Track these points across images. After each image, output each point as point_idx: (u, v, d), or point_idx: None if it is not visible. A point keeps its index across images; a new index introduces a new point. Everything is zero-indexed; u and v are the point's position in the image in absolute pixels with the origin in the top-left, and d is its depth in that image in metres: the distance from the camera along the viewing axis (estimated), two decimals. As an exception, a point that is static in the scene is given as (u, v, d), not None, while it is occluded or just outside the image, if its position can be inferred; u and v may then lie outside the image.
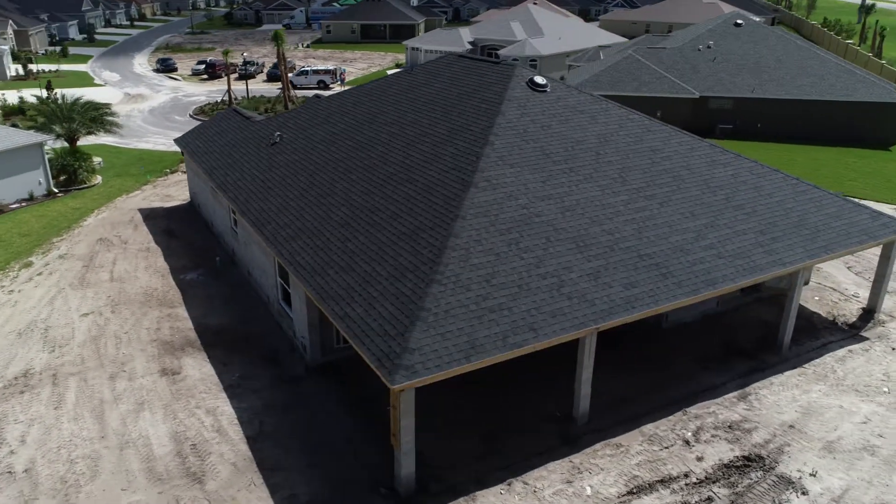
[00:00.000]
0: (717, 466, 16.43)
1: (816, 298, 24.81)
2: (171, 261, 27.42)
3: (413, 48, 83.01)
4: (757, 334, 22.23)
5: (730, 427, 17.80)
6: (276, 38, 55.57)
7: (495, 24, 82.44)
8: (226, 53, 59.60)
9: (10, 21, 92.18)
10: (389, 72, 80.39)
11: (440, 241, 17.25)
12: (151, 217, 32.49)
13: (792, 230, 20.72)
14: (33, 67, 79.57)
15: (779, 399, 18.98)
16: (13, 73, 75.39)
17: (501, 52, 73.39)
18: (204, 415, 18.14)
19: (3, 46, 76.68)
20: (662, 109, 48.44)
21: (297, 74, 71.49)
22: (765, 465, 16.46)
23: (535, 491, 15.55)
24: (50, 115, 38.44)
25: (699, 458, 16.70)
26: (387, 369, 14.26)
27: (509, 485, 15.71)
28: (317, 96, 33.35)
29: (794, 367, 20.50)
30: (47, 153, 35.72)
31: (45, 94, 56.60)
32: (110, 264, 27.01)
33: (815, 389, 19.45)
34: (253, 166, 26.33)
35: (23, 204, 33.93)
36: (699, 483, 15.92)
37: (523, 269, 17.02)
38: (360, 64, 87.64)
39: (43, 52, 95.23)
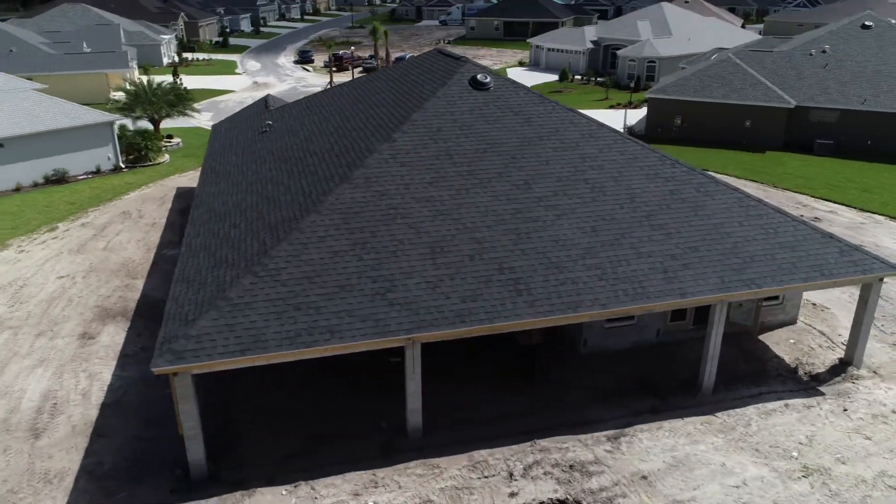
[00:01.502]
0: (524, 506, 14.93)
1: (792, 342, 21.46)
2: (166, 236, 29.51)
3: (537, 46, 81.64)
4: (688, 373, 19.68)
5: (571, 467, 16.03)
6: (374, 32, 57.26)
7: (622, 22, 78.87)
8: (329, 47, 62.47)
9: (182, 14, 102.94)
10: (508, 70, 79.80)
11: (285, 234, 17.16)
12: (182, 196, 35.06)
13: (716, 258, 18.11)
14: (188, 56, 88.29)
15: (654, 445, 16.76)
16: (169, 61, 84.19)
17: (620, 52, 70.13)
18: (84, 378, 19.48)
19: (163, 36, 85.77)
20: (752, 119, 43.95)
21: (411, 69, 73.10)
22: (577, 515, 14.70)
23: (315, 498, 15.06)
24: (132, 99, 42.63)
25: (512, 495, 15.23)
26: (158, 352, 14.53)
27: (296, 486, 15.35)
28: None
29: (703, 414, 17.95)
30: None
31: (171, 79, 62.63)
32: (113, 235, 29.61)
33: (706, 441, 16.94)
34: (233, 152, 27.58)
35: (89, 176, 38.04)
36: (493, 521, 14.58)
37: (356, 270, 16.46)
38: (486, 61, 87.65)
39: (208, 41, 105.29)
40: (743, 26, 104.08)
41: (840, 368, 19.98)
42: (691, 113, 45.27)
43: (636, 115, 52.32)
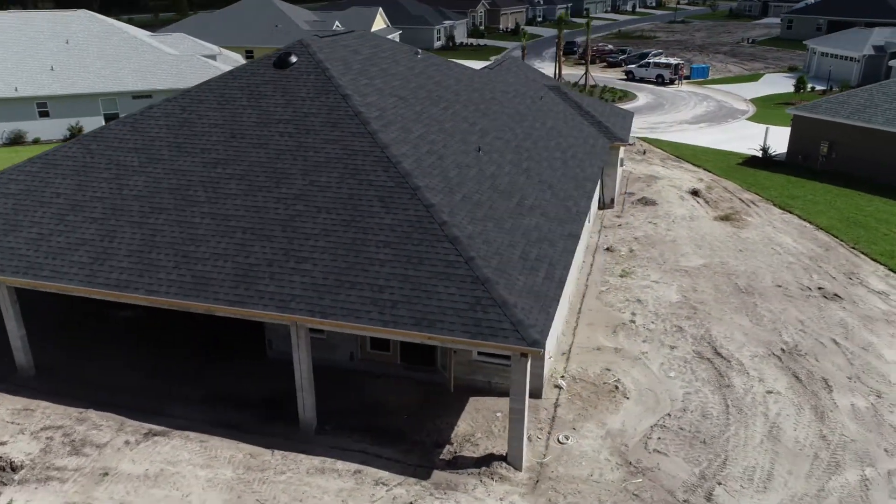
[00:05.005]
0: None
1: (499, 415, 16.85)
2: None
3: (812, 49, 68.13)
4: (337, 405, 17.10)
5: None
6: (560, 23, 54.87)
7: (926, 25, 61.19)
8: (525, 37, 61.17)
9: (484, 1, 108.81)
10: (767, 76, 68.46)
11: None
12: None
13: (313, 275, 15.41)
14: (466, 41, 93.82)
15: (133, 457, 15.37)
16: (440, 44, 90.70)
17: (893, 62, 55.09)
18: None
19: (447, 21, 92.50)
20: (922, 156, 32.05)
21: (640, 66, 67.72)
22: (-3, 480, 14.67)
23: None
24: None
25: (-5, 445, 15.78)
26: None
27: None
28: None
29: (261, 446, 15.65)
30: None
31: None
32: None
33: (189, 461, 14.93)
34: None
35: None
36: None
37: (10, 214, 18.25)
38: (758, 65, 76.10)
39: (504, 29, 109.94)
40: None
41: (491, 461, 15.27)
42: (843, 140, 34.58)
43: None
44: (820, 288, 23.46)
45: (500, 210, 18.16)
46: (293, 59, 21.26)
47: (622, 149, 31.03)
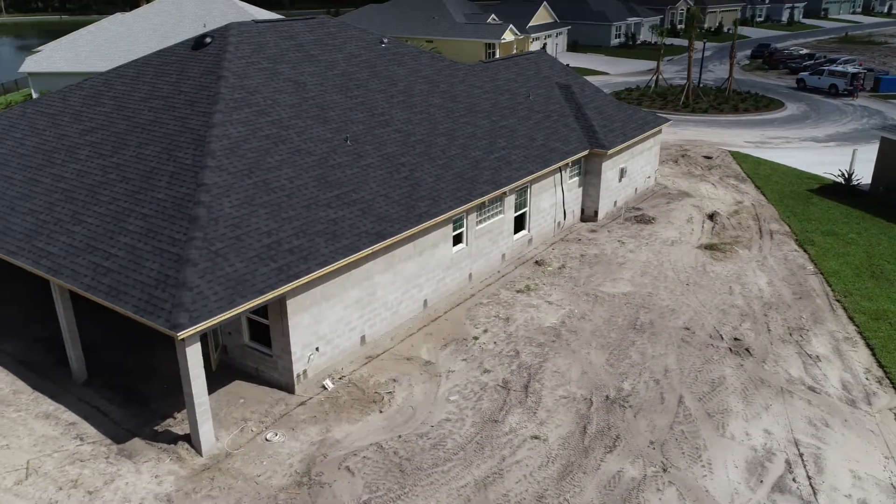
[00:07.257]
0: None
1: (242, 401, 16.88)
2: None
3: None
4: (129, 365, 18.43)
5: None
6: (692, 20, 49.79)
7: None
8: (662, 35, 56.01)
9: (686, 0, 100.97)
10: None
11: (-36, 127, 23.68)
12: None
13: (91, 228, 16.74)
14: (650, 39, 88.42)
15: (-42, 376, 17.86)
16: (617, 42, 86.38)
17: None
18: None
19: (631, 19, 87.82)
20: None
21: (812, 73, 59.13)
22: None
23: None
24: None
25: None
26: None
27: None
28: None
29: (31, 386, 17.46)
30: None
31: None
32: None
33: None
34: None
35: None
36: None
37: (-60, 158, 22.04)
38: None
39: (707, 29, 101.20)
40: None
41: (183, 440, 15.46)
42: (934, 172, 27.66)
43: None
44: (736, 339, 19.58)
45: (300, 198, 17.94)
46: (208, 40, 22.61)
47: (634, 156, 28.02)
